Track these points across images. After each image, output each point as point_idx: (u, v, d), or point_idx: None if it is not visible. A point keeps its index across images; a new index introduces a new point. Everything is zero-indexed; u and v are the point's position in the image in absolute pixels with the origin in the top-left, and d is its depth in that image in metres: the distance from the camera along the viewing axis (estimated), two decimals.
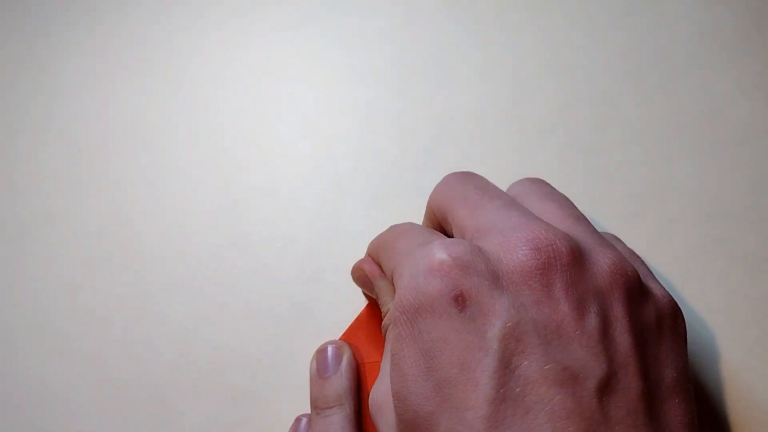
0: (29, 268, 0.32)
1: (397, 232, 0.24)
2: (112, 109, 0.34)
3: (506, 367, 0.17)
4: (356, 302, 0.30)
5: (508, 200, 0.22)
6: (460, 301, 0.18)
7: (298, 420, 0.28)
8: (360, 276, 0.27)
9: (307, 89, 0.34)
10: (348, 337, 0.29)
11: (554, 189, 0.24)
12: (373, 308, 0.29)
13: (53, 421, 0.30)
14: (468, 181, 0.24)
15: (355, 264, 0.27)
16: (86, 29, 0.36)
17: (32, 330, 0.31)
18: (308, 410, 0.28)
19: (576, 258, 0.19)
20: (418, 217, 0.31)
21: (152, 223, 0.32)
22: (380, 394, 0.21)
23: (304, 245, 0.31)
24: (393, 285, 0.22)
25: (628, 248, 0.23)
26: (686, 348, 0.20)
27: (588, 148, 0.31)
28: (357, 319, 0.29)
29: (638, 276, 0.20)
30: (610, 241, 0.22)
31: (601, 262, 0.20)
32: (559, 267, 0.19)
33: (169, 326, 0.31)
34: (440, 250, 0.19)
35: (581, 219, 0.22)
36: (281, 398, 0.29)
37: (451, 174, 0.25)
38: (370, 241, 0.31)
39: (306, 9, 0.35)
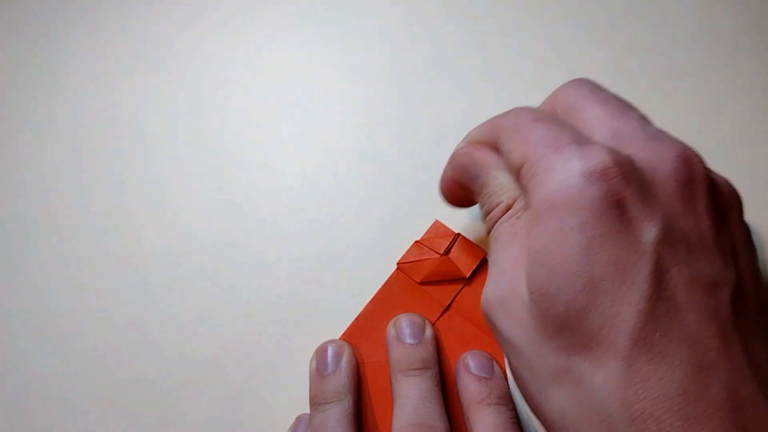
0: (29, 268, 0.32)
1: (532, 117, 0.23)
2: (112, 109, 0.34)
3: (659, 270, 0.18)
4: (356, 302, 0.30)
5: (642, 114, 0.23)
6: (620, 206, 0.19)
7: (298, 419, 0.28)
8: (466, 163, 0.25)
9: (307, 89, 0.34)
10: (348, 336, 0.29)
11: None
12: (373, 308, 0.29)
13: (53, 421, 0.30)
14: (604, 88, 0.24)
15: (460, 148, 0.25)
16: (86, 29, 0.36)
17: (32, 330, 0.31)
18: (308, 409, 0.28)
19: (710, 177, 0.21)
20: (418, 216, 0.31)
21: (152, 223, 0.32)
22: (501, 291, 0.21)
23: (304, 245, 0.31)
24: (517, 175, 0.22)
25: None
26: None
27: None
28: (357, 319, 0.29)
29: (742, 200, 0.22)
30: None
31: (722, 184, 0.22)
32: (701, 183, 0.20)
33: (169, 326, 0.31)
34: (604, 154, 0.19)
35: None
36: (281, 398, 0.29)
37: (582, 78, 0.25)
38: (369, 240, 0.31)
39: (306, 9, 0.35)
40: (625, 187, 0.19)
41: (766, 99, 0.31)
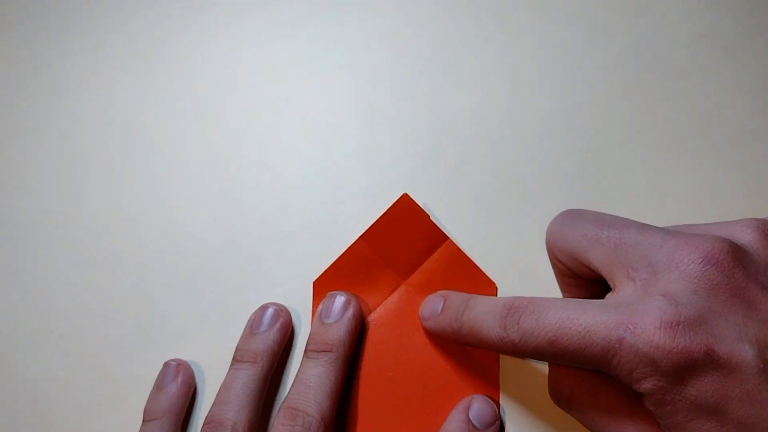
0: (29, 268, 0.32)
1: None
2: (111, 109, 0.34)
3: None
4: None
5: (622, 220, 0.24)
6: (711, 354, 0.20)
7: (166, 365, 0.29)
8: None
9: (307, 89, 0.34)
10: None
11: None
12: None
13: (53, 421, 0.30)
14: (580, 217, 0.25)
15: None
16: (86, 29, 0.36)
17: (32, 330, 0.31)
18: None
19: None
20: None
21: (152, 223, 0.32)
22: None
23: (304, 245, 0.31)
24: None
25: None
26: None
27: (587, 150, 0.31)
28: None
29: None
30: None
31: None
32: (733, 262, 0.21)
33: (169, 326, 0.31)
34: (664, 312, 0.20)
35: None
36: (280, 398, 0.29)
37: (561, 215, 0.26)
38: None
39: (306, 9, 0.35)
40: (703, 338, 0.20)
41: (765, 101, 0.31)
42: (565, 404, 0.24)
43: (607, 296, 0.23)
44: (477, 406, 0.27)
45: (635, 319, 0.20)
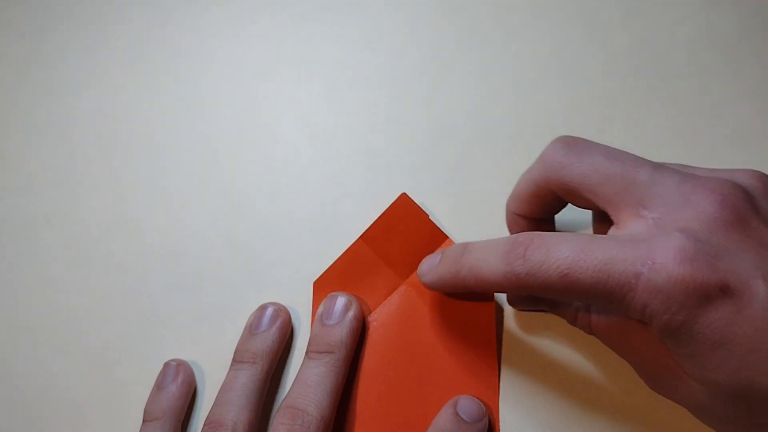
0: (29, 268, 0.32)
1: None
2: (111, 109, 0.34)
3: None
4: None
5: (635, 157, 0.24)
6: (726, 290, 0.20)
7: (166, 365, 0.29)
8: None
9: (307, 89, 0.34)
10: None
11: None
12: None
13: (53, 421, 0.30)
14: (587, 148, 0.25)
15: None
16: (86, 29, 0.36)
17: (32, 330, 0.31)
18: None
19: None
20: None
21: (152, 223, 0.32)
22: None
23: (304, 245, 0.31)
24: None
25: None
26: None
27: None
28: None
29: None
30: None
31: None
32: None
33: (169, 326, 0.31)
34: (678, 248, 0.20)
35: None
36: (280, 398, 0.29)
37: (560, 142, 0.25)
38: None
39: (306, 9, 0.35)
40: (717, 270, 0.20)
41: (765, 101, 0.31)
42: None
43: (610, 232, 0.23)
44: (463, 402, 0.27)
45: (654, 253, 0.20)
